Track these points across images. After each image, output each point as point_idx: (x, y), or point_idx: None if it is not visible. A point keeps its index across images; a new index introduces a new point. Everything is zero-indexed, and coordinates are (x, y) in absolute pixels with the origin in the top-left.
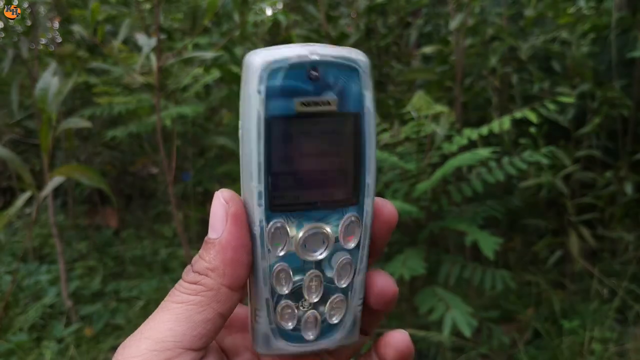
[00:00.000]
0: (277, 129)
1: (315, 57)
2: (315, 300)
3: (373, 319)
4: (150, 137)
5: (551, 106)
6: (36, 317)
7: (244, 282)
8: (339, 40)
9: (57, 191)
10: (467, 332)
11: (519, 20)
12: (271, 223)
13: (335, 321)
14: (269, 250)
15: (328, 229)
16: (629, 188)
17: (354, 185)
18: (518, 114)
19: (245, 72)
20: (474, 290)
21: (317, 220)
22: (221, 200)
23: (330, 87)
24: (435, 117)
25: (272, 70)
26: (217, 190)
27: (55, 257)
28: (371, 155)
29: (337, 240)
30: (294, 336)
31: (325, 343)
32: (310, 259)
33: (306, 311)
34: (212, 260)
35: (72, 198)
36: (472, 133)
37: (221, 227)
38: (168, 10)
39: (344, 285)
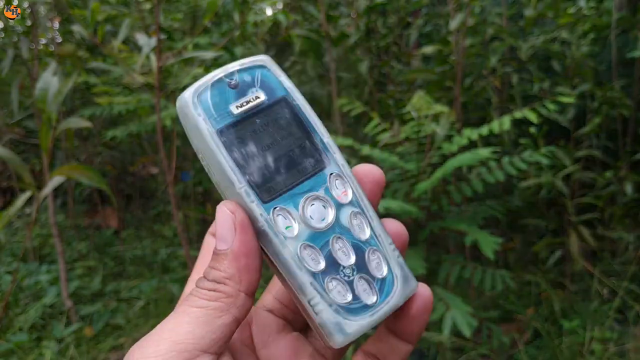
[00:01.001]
0: (228, 135)
1: (228, 70)
2: (352, 261)
3: None
4: (150, 137)
5: (551, 106)
6: (36, 317)
7: (257, 288)
8: (339, 40)
9: (57, 191)
10: (467, 332)
11: (519, 20)
12: (271, 211)
13: (384, 274)
14: (284, 237)
15: (321, 193)
16: (629, 188)
17: (318, 150)
18: (518, 114)
19: (181, 108)
20: (474, 290)
21: (308, 191)
22: (227, 212)
23: (251, 85)
24: (435, 117)
25: (199, 94)
26: (218, 195)
27: (55, 257)
28: (315, 121)
29: (334, 200)
30: (359, 308)
31: (392, 301)
32: (323, 226)
33: (352, 277)
34: (227, 269)
35: (72, 198)
36: (472, 133)
37: (231, 237)
38: (168, 10)
39: (367, 236)
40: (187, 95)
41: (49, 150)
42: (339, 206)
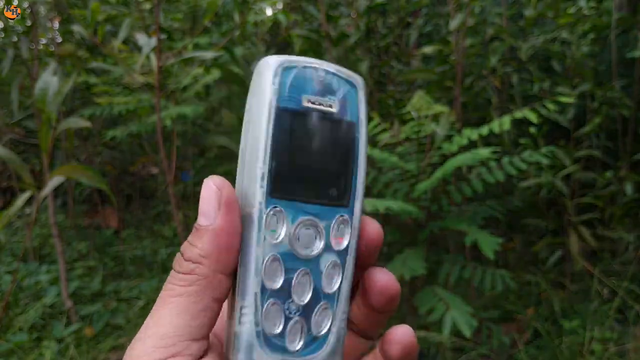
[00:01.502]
0: (285, 118)
1: (325, 67)
2: (303, 303)
3: (376, 320)
4: (150, 137)
5: (551, 106)
6: (36, 317)
7: (235, 269)
8: (339, 40)
9: (57, 191)
10: (467, 332)
11: (519, 20)
12: (270, 207)
13: (320, 333)
14: (264, 237)
15: (321, 225)
16: (629, 188)
17: (346, 187)
18: (518, 114)
19: (260, 68)
20: (474, 290)
21: (312, 214)
22: (212, 187)
23: (333, 93)
24: (435, 117)
25: (285, 68)
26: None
27: (55, 257)
28: (362, 162)
29: (327, 239)
30: (279, 345)
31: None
32: (302, 253)
33: (293, 315)
34: (204, 247)
35: (72, 198)
36: (472, 133)
37: (213, 214)
38: (168, 10)
39: (330, 291)
40: (274, 60)
41: (49, 150)
42: (326, 249)
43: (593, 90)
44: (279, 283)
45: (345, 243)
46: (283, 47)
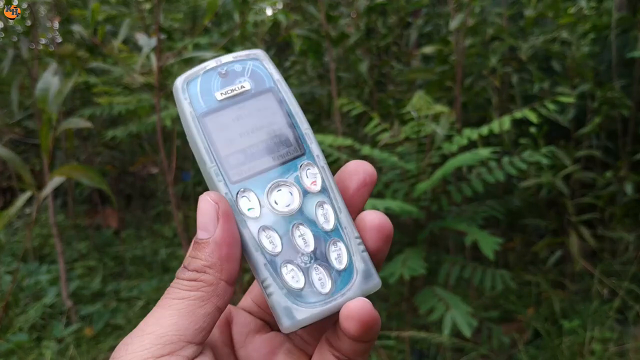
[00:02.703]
0: (210, 120)
1: (221, 61)
2: (311, 249)
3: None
4: (150, 137)
5: (551, 106)
6: (36, 317)
7: (237, 276)
8: (339, 40)
9: (57, 191)
10: (467, 333)
11: (519, 20)
12: (236, 192)
13: (343, 266)
14: (245, 218)
15: (290, 180)
16: (629, 188)
17: (295, 138)
18: (518, 114)
19: (174, 92)
20: (474, 290)
21: (277, 177)
22: (210, 202)
23: (240, 75)
24: (435, 117)
25: (189, 81)
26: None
27: (55, 257)
28: (297, 111)
29: (302, 188)
30: (312, 295)
31: (348, 293)
32: (286, 211)
33: (309, 265)
34: (208, 257)
35: (72, 198)
36: (472, 133)
37: (213, 227)
38: (168, 10)
39: (331, 227)
40: (178, 81)
41: (49, 150)
42: (305, 194)
43: (593, 90)
44: (279, 246)
45: (319, 182)
46: (283, 47)
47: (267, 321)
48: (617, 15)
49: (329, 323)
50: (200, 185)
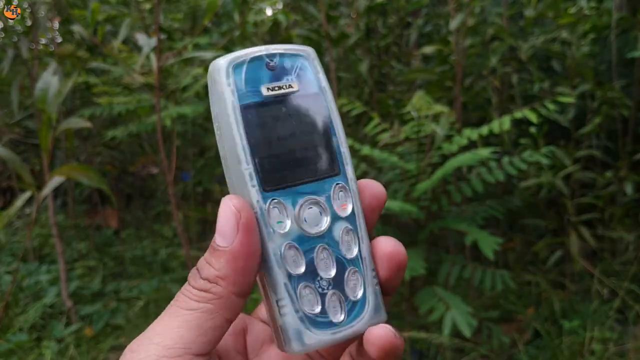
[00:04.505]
0: (252, 114)
1: (270, 51)
2: (331, 275)
3: (384, 292)
4: (150, 137)
5: (551, 106)
6: (36, 317)
7: (251, 290)
8: (339, 40)
9: (57, 191)
10: (467, 333)
11: (519, 20)
12: (268, 201)
13: (357, 297)
14: (272, 230)
15: (322, 199)
16: (629, 188)
17: (333, 156)
18: (518, 114)
19: (212, 73)
20: (474, 290)
21: (310, 193)
22: (232, 208)
23: (289, 72)
24: (435, 117)
25: (236, 65)
26: (217, 190)
27: (55, 257)
28: (339, 127)
29: (332, 210)
30: (324, 323)
31: (357, 325)
32: (314, 232)
33: (326, 291)
34: (222, 268)
35: (72, 198)
36: (472, 133)
37: (232, 236)
38: (168, 10)
39: (353, 256)
40: (223, 62)
41: (49, 150)
42: (335, 218)
43: (593, 90)
44: (302, 267)
45: (349, 207)
46: None
47: None
48: (617, 15)
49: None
50: (200, 185)
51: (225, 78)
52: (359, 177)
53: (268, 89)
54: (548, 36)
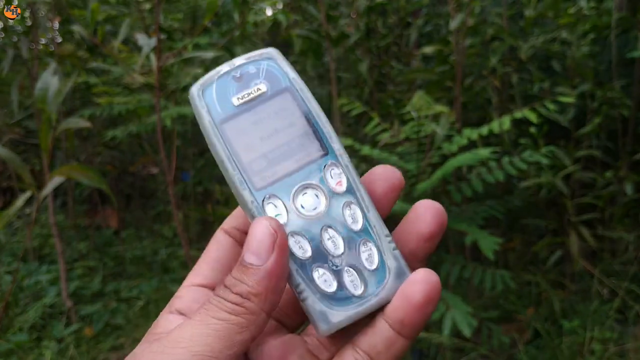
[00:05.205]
0: (230, 126)
1: (234, 64)
2: (341, 252)
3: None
4: (150, 137)
5: (551, 106)
6: (36, 317)
7: (277, 307)
8: (339, 40)
9: (57, 191)
10: (467, 333)
11: (519, 20)
12: (262, 200)
13: (374, 266)
14: None
15: (315, 182)
16: (629, 188)
17: (316, 139)
18: (518, 114)
19: (190, 99)
20: (474, 290)
21: (301, 180)
22: (269, 229)
23: (255, 77)
24: (435, 117)
25: (205, 87)
26: (217, 190)
27: (55, 257)
28: (317, 110)
29: (328, 189)
30: (346, 298)
31: (381, 294)
32: (313, 215)
33: (340, 267)
34: (255, 285)
35: (72, 198)
36: (472, 133)
37: (266, 255)
38: (168, 10)
39: (360, 227)
40: (194, 89)
41: (49, 150)
42: (332, 196)
43: (593, 90)
44: (309, 250)
45: (345, 182)
46: (283, 47)
47: (283, 322)
48: (617, 15)
49: (358, 326)
50: (200, 185)
51: (198, 101)
52: None
53: (238, 99)
54: (548, 36)
